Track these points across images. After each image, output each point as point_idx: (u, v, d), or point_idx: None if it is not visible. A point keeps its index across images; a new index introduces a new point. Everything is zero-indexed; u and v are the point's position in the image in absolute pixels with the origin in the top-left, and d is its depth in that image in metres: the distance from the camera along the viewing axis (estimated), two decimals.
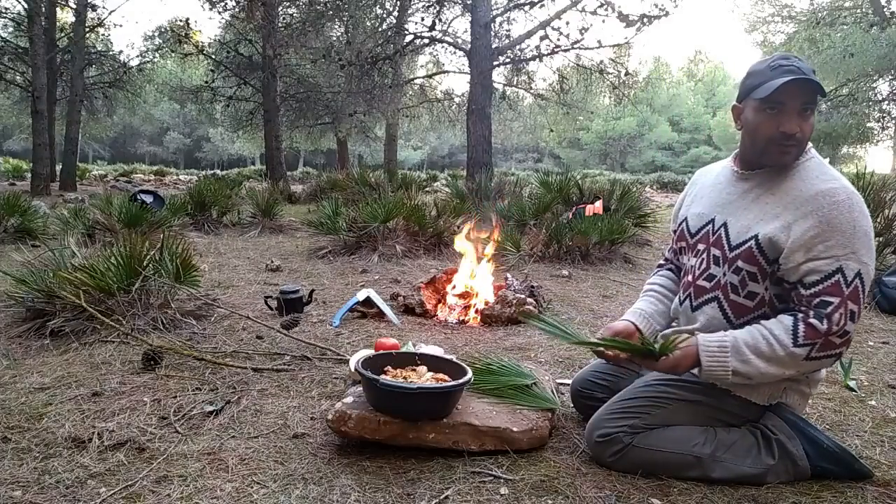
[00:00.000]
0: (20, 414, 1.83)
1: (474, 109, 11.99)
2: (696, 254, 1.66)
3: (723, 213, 1.61)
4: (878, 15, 18.07)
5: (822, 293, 1.40)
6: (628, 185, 8.03)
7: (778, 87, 1.41)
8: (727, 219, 1.59)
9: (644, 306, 1.81)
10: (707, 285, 1.60)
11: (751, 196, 1.56)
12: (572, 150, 48.16)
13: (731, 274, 1.54)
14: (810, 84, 1.42)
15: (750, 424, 1.58)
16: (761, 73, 1.48)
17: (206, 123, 32.12)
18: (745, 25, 24.37)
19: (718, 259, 1.58)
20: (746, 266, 1.51)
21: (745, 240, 1.52)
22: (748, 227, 1.52)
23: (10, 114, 21.25)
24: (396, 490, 1.44)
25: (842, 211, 1.40)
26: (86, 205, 7.22)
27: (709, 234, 1.63)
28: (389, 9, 14.87)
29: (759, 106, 1.48)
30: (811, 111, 1.47)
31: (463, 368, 1.71)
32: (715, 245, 1.59)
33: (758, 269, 1.50)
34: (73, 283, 2.70)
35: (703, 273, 1.62)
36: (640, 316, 1.77)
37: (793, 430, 1.53)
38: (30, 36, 13.51)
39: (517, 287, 3.36)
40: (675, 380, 1.59)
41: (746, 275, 1.51)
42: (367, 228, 5.14)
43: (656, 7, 12.20)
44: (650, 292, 1.85)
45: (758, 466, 1.50)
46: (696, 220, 1.69)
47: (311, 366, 2.34)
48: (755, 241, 1.49)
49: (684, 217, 1.75)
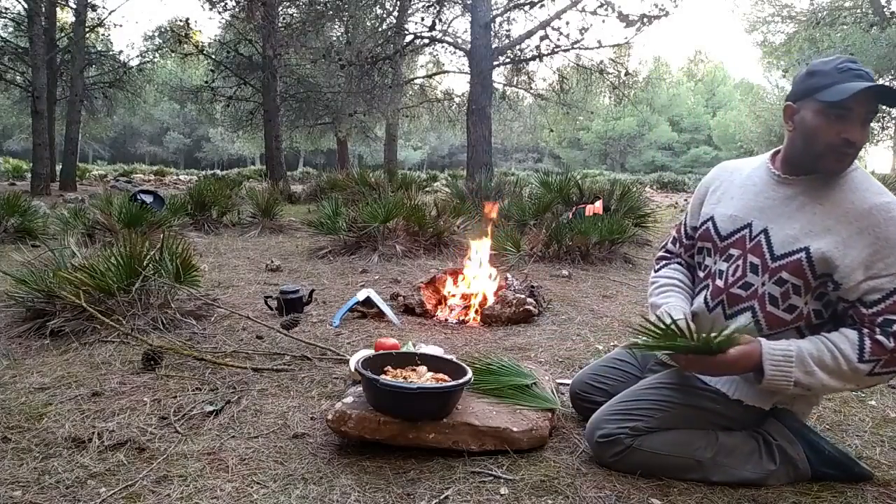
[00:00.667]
0: (20, 414, 1.83)
1: (474, 109, 12.00)
2: (728, 258, 1.56)
3: (762, 218, 1.51)
4: (878, 15, 18.07)
5: (885, 311, 1.36)
6: (628, 185, 8.03)
7: (855, 94, 1.33)
8: (767, 225, 1.50)
9: (682, 304, 1.66)
10: (742, 294, 1.52)
11: (794, 203, 1.48)
12: (572, 150, 48.19)
13: (772, 285, 1.46)
14: (889, 94, 1.35)
15: (752, 429, 1.56)
16: (828, 75, 1.40)
17: (206, 123, 32.14)
18: (745, 25, 24.37)
19: (757, 268, 1.49)
20: (792, 278, 1.44)
21: (793, 251, 1.44)
22: (795, 238, 1.44)
23: (10, 114, 21.27)
24: (396, 490, 1.44)
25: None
26: (86, 205, 7.22)
27: (744, 239, 1.53)
28: (389, 9, 14.87)
29: (822, 109, 1.39)
30: (871, 120, 1.42)
31: (463, 368, 1.71)
32: (753, 252, 1.51)
33: (803, 282, 1.43)
34: (73, 283, 2.71)
35: (737, 281, 1.53)
36: (684, 314, 1.63)
37: (794, 436, 1.52)
38: (30, 36, 13.52)
39: (517, 287, 3.36)
40: (680, 384, 1.58)
41: (791, 287, 1.44)
42: (367, 228, 5.14)
43: (656, 7, 12.21)
44: (677, 288, 1.71)
45: (759, 471, 1.49)
46: (727, 221, 1.58)
47: (311, 366, 2.34)
48: (806, 254, 1.42)
49: (709, 216, 1.63)
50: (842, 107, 1.36)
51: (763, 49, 24.01)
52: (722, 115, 44.11)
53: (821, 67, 1.43)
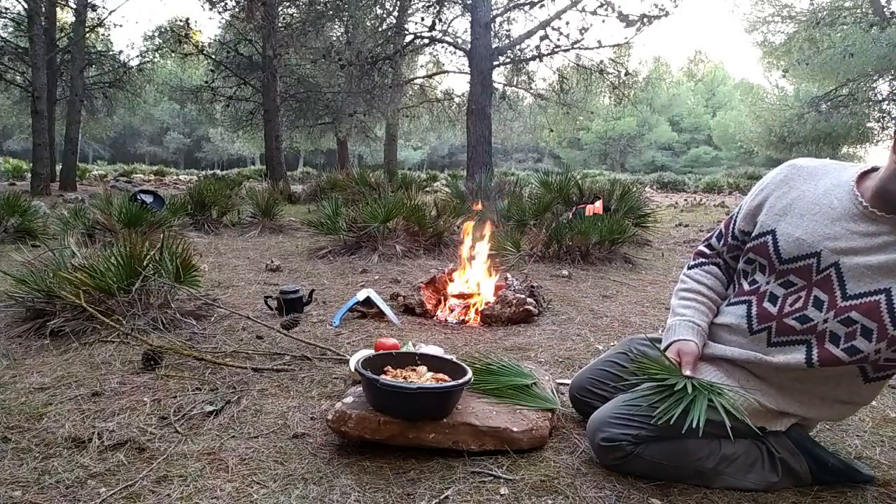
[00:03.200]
0: (20, 414, 1.83)
1: (474, 109, 12.00)
2: (786, 285, 1.43)
3: (835, 248, 1.36)
4: (878, 15, 18.07)
5: None
6: (628, 185, 8.02)
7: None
8: (840, 259, 1.35)
9: (698, 320, 1.57)
10: (797, 326, 1.39)
11: (878, 241, 1.32)
12: (572, 150, 48.18)
13: (838, 324, 1.34)
14: None
15: (755, 439, 1.53)
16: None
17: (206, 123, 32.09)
18: (745, 25, 24.34)
19: (822, 304, 1.36)
20: (863, 319, 1.31)
21: (871, 291, 1.31)
22: (874, 277, 1.31)
23: (10, 114, 21.25)
24: (396, 490, 1.44)
25: None
26: (86, 205, 7.21)
27: (811, 270, 1.39)
28: (389, 9, 14.88)
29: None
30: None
31: (463, 368, 1.71)
32: (821, 287, 1.37)
33: (878, 326, 1.30)
34: (73, 283, 2.71)
35: (795, 312, 1.40)
36: (699, 334, 1.56)
37: (797, 448, 1.50)
38: (30, 36, 13.51)
39: (517, 287, 3.36)
40: None
41: (859, 329, 1.32)
42: (367, 228, 5.14)
43: (656, 7, 12.22)
44: (700, 297, 1.61)
45: (761, 482, 1.48)
46: (791, 244, 1.41)
47: (311, 366, 2.34)
48: (886, 296, 1.29)
49: (770, 229, 1.46)
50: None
51: (763, 49, 23.99)
52: (722, 115, 44.13)
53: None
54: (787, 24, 22.79)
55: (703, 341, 1.55)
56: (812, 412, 1.49)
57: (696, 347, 1.53)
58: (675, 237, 7.30)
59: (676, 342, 1.56)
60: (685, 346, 1.54)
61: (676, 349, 1.55)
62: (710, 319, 1.59)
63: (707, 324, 1.57)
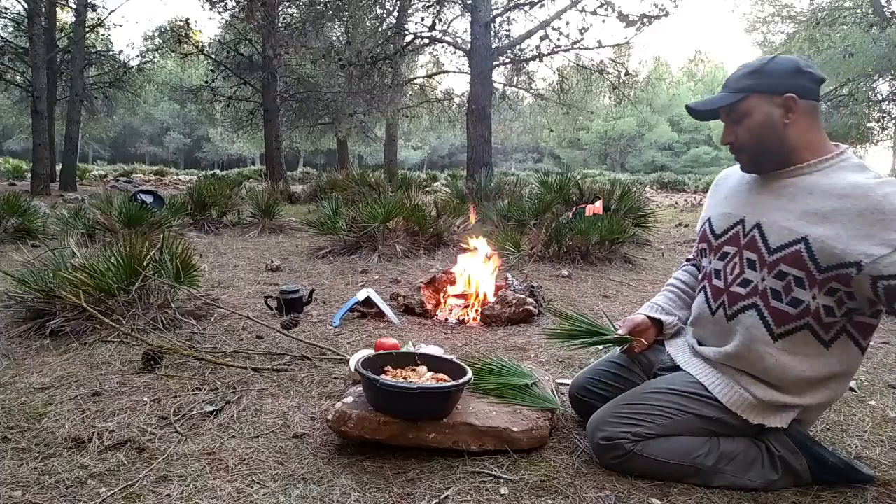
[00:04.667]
0: (20, 414, 1.83)
1: (474, 109, 12.00)
2: (724, 257, 1.56)
3: (754, 212, 1.51)
4: (878, 15, 18.07)
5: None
6: (628, 185, 8.04)
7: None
8: (760, 219, 1.49)
9: (661, 301, 1.79)
10: (742, 291, 1.50)
11: (783, 195, 1.47)
12: (572, 150, 48.19)
13: (772, 279, 1.44)
14: (696, 113, 1.55)
15: (754, 437, 1.54)
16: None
17: (206, 123, 32.11)
18: (745, 25, 24.38)
19: (755, 263, 1.47)
20: (792, 270, 1.40)
21: (791, 241, 1.41)
22: (790, 229, 1.41)
23: (10, 114, 21.27)
24: (396, 490, 1.44)
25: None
26: (86, 205, 7.21)
27: (739, 235, 1.53)
28: (389, 9, 14.88)
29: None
30: (738, 118, 1.49)
31: (463, 368, 1.71)
32: (749, 248, 1.49)
33: (806, 274, 1.39)
34: (73, 283, 2.70)
35: (736, 278, 1.52)
36: (657, 310, 1.76)
37: (797, 447, 1.50)
38: (30, 36, 13.52)
39: (517, 287, 3.36)
40: (686, 392, 1.54)
41: (793, 280, 1.41)
42: (367, 228, 5.14)
43: (656, 7, 12.22)
44: (669, 286, 1.83)
45: (760, 480, 1.48)
46: (721, 220, 1.60)
47: (311, 366, 2.34)
48: (805, 244, 1.38)
49: (707, 217, 1.67)
50: (706, 119, 1.58)
51: (763, 49, 23.99)
52: None
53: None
54: (787, 24, 22.81)
55: (658, 312, 1.76)
56: (805, 398, 1.48)
57: (641, 317, 1.75)
58: (674, 237, 7.30)
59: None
60: (631, 316, 1.78)
61: (630, 319, 1.77)
62: (681, 302, 1.79)
63: (673, 305, 1.78)
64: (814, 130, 1.46)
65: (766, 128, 1.46)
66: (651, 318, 1.75)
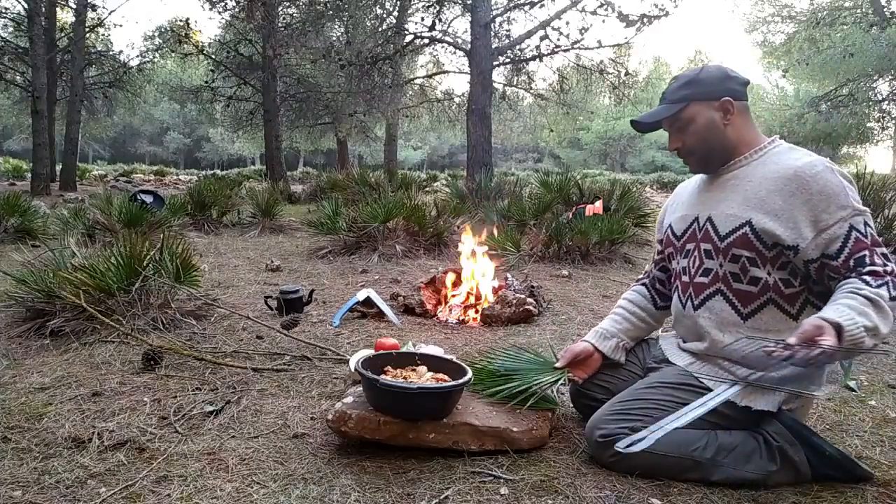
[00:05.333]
0: (20, 414, 1.83)
1: (474, 109, 12.00)
2: (687, 254, 1.68)
3: (705, 208, 1.64)
4: (878, 15, 18.08)
5: (852, 254, 1.42)
6: (628, 185, 8.03)
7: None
8: (710, 212, 1.62)
9: (607, 325, 1.85)
10: (705, 280, 1.61)
11: (727, 188, 1.61)
12: (572, 150, 48.20)
13: (729, 263, 1.55)
14: (640, 126, 1.69)
15: (752, 429, 1.56)
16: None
17: (206, 123, 32.12)
18: (745, 25, 24.38)
19: (711, 252, 1.59)
20: (744, 252, 1.52)
21: (737, 226, 1.53)
22: (735, 215, 1.55)
23: (10, 114, 21.27)
24: (396, 490, 1.44)
25: (826, 177, 1.45)
26: (86, 205, 7.21)
27: (695, 232, 1.65)
28: (389, 9, 14.88)
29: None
30: (683, 125, 1.61)
31: (463, 368, 1.71)
32: (704, 240, 1.62)
33: (756, 253, 1.51)
34: (73, 283, 2.70)
35: (698, 270, 1.63)
36: (601, 336, 1.82)
37: (795, 438, 1.51)
38: (30, 36, 13.52)
39: (517, 287, 3.36)
40: (680, 384, 1.57)
41: (746, 261, 1.53)
42: (367, 228, 5.14)
43: (656, 7, 12.23)
44: (616, 310, 1.90)
45: (759, 472, 1.48)
46: (679, 222, 1.73)
47: (311, 366, 2.34)
48: (749, 226, 1.51)
49: (668, 224, 1.79)
50: (652, 129, 1.72)
51: (763, 49, 24.01)
52: None
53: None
54: (787, 24, 22.82)
55: (602, 340, 1.81)
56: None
57: (584, 346, 1.80)
58: None
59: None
60: (573, 346, 1.81)
61: (569, 349, 1.81)
62: (628, 325, 1.84)
63: (619, 328, 1.83)
64: (748, 126, 1.62)
65: (709, 130, 1.60)
66: (595, 345, 1.81)
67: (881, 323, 1.35)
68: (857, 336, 1.30)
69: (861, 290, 1.37)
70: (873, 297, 1.35)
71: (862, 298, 1.36)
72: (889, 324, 1.36)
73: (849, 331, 1.29)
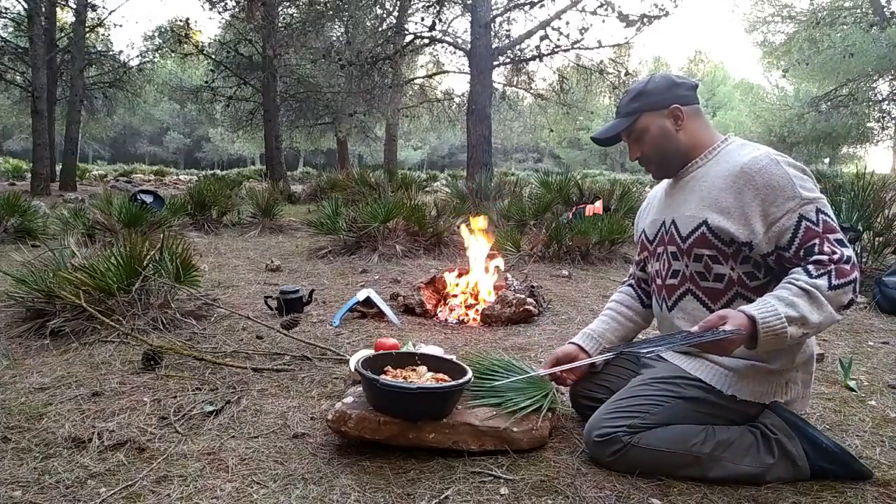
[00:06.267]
0: (20, 414, 1.83)
1: (474, 109, 12.00)
2: (658, 258, 1.73)
3: (669, 212, 1.70)
4: (878, 15, 18.08)
5: (802, 244, 1.45)
6: (628, 185, 8.05)
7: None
8: (673, 215, 1.68)
9: (595, 326, 1.88)
10: (675, 281, 1.66)
11: (686, 189, 1.66)
12: (572, 150, 48.17)
13: (693, 263, 1.60)
14: (599, 141, 1.74)
15: (749, 423, 1.57)
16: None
17: (206, 123, 32.14)
18: (745, 25, 24.38)
19: (676, 254, 1.64)
20: (705, 251, 1.57)
21: (696, 227, 1.58)
22: (693, 216, 1.60)
23: (10, 114, 21.28)
24: (396, 490, 1.44)
25: (771, 170, 1.48)
26: (86, 205, 7.22)
27: (663, 235, 1.71)
28: (389, 9, 14.88)
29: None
30: (638, 136, 1.67)
31: (463, 368, 1.71)
32: (670, 243, 1.67)
33: (716, 251, 1.55)
34: (73, 283, 2.70)
35: (668, 272, 1.68)
36: (588, 337, 1.85)
37: (792, 430, 1.53)
38: (30, 36, 13.52)
39: (517, 287, 3.36)
40: (675, 378, 1.59)
41: (709, 259, 1.57)
42: (367, 228, 5.14)
43: (656, 7, 12.23)
44: (605, 311, 1.93)
45: (757, 465, 1.50)
46: (651, 227, 1.78)
47: (311, 366, 2.34)
48: (706, 226, 1.56)
49: (642, 229, 1.84)
50: (612, 143, 1.76)
51: (763, 49, 24.01)
52: (722, 115, 44.09)
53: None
54: (787, 24, 22.82)
55: (590, 341, 1.84)
56: (773, 363, 1.54)
57: (570, 348, 1.83)
58: None
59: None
60: (556, 351, 1.84)
61: (552, 354, 1.84)
62: (615, 325, 1.88)
63: (606, 328, 1.86)
64: (701, 129, 1.67)
65: (662, 138, 1.65)
66: (581, 346, 1.83)
67: (811, 313, 1.39)
68: (776, 327, 1.37)
69: (797, 281, 1.42)
70: (808, 287, 1.39)
71: (796, 289, 1.40)
72: (825, 313, 1.40)
73: (764, 321, 1.37)
